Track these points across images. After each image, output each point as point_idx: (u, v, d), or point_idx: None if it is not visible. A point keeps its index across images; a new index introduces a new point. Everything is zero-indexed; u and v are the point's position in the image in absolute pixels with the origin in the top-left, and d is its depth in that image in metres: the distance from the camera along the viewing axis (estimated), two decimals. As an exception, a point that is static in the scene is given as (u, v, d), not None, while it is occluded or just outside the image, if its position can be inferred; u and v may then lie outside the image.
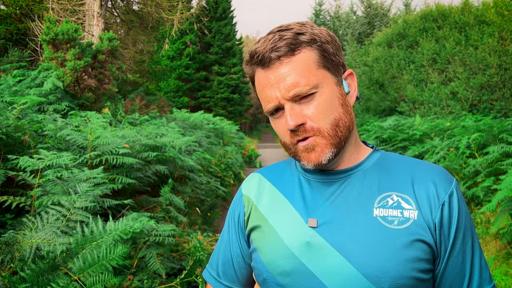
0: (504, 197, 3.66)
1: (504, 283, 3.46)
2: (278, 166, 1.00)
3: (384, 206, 0.79)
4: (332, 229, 0.79)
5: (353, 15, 23.00)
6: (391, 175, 0.84)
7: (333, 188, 0.84)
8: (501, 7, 8.53)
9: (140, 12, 12.92)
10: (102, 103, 7.39)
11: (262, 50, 0.81)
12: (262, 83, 0.83)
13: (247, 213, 0.94)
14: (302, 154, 0.83)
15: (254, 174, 1.01)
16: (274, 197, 0.91)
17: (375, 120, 9.88)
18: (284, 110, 0.82)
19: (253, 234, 0.91)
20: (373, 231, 0.77)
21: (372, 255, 0.75)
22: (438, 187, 0.81)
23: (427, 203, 0.79)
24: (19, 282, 1.69)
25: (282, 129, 0.84)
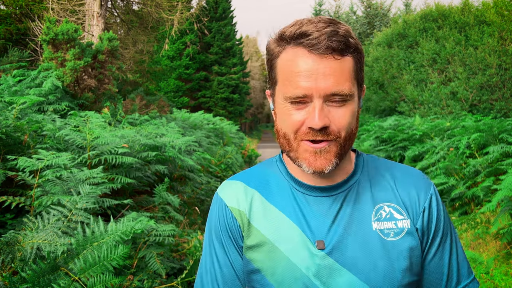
0: (504, 197, 3.66)
1: (504, 283, 3.46)
2: (260, 172, 0.91)
3: (379, 219, 0.82)
4: (340, 249, 0.79)
5: (353, 15, 23.00)
6: (379, 185, 0.86)
7: (331, 204, 0.82)
8: (501, 7, 8.53)
9: (140, 12, 12.92)
10: (102, 103, 7.38)
11: (316, 34, 0.74)
12: (300, 65, 0.75)
13: (242, 228, 0.86)
14: (308, 156, 0.78)
15: (233, 181, 0.91)
16: (271, 213, 0.84)
17: (375, 120, 9.88)
18: (308, 103, 0.76)
19: (250, 253, 0.83)
20: (375, 246, 0.80)
21: (378, 270, 0.78)
22: (419, 192, 0.85)
23: (411, 210, 0.84)
24: (19, 282, 1.69)
25: (295, 121, 0.77)
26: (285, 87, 0.77)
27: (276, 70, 0.81)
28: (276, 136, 0.85)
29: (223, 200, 0.89)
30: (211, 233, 0.91)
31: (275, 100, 0.83)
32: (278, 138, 0.84)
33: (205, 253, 0.91)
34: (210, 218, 0.93)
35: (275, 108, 0.84)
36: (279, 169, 0.90)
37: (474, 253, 3.93)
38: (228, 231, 0.87)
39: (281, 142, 0.83)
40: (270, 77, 0.84)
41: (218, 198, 0.91)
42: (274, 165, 0.92)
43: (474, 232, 4.25)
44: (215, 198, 0.92)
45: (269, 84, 0.86)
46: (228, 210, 0.88)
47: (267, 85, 0.88)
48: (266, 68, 0.86)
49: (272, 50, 0.82)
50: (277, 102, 0.81)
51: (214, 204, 0.92)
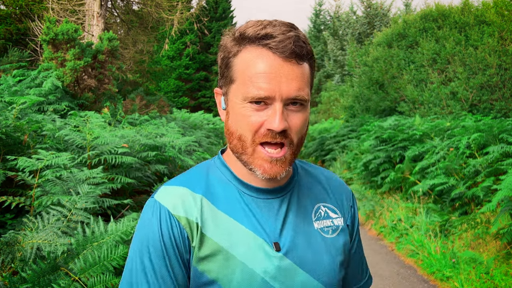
0: (504, 197, 3.65)
1: (504, 283, 3.46)
2: (202, 176, 0.85)
3: (319, 218, 0.87)
4: (293, 250, 0.81)
5: (353, 15, 23.00)
6: (314, 186, 0.91)
7: (279, 206, 0.83)
8: (501, 7, 8.53)
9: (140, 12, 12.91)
10: (102, 103, 7.38)
11: (281, 37, 0.74)
12: (263, 66, 0.74)
13: (191, 239, 0.78)
14: (263, 163, 0.76)
15: (177, 187, 0.82)
16: (221, 220, 0.79)
17: (375, 120, 9.87)
18: (268, 105, 0.75)
19: (204, 265, 0.77)
20: (319, 244, 0.84)
21: (324, 266, 0.83)
22: (345, 192, 0.94)
23: (342, 208, 0.91)
24: (20, 282, 1.69)
25: (254, 123, 0.75)
26: (246, 87, 0.75)
27: (234, 69, 0.78)
28: (228, 137, 0.81)
29: (167, 208, 0.79)
30: (145, 246, 0.78)
31: (229, 99, 0.80)
32: (230, 139, 0.80)
33: (135, 270, 0.78)
34: (144, 228, 0.79)
35: (229, 107, 0.81)
36: (222, 173, 0.85)
37: (474, 253, 3.92)
38: (173, 244, 0.77)
39: (233, 144, 0.79)
40: (223, 75, 0.81)
41: (158, 206, 0.80)
42: (216, 169, 0.86)
43: (474, 232, 4.25)
44: (152, 205, 0.81)
45: (221, 82, 0.83)
46: (174, 220, 0.78)
47: (218, 84, 0.85)
48: (219, 66, 0.83)
49: (229, 48, 0.79)
50: (233, 101, 0.79)
51: (153, 212, 0.80)
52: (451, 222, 4.62)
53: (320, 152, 11.26)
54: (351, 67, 14.44)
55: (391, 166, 6.82)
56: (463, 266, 3.87)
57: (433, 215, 5.00)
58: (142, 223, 0.81)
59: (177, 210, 0.79)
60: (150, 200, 0.82)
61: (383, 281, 4.07)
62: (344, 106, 14.00)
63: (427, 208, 5.22)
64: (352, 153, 8.77)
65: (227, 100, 0.81)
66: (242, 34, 0.77)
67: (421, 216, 5.15)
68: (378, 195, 6.75)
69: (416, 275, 4.20)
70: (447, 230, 4.69)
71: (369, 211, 6.34)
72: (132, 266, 0.79)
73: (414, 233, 4.91)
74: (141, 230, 0.80)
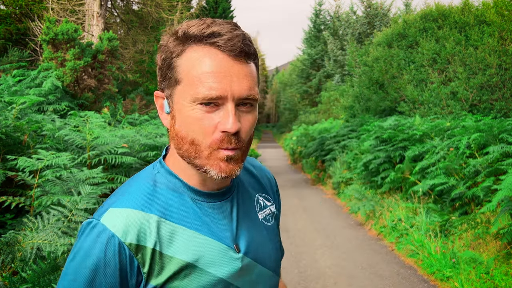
0: (504, 197, 3.65)
1: (504, 283, 3.46)
2: (148, 191, 0.78)
3: (260, 208, 0.91)
4: (250, 246, 0.84)
5: (353, 15, 22.99)
6: (249, 178, 0.94)
7: (230, 207, 0.84)
8: (501, 7, 8.53)
9: (140, 12, 12.91)
10: (102, 103, 7.38)
11: (229, 35, 0.72)
12: (213, 65, 0.71)
13: (143, 266, 0.73)
14: (218, 162, 0.74)
15: (126, 210, 0.73)
16: (181, 234, 0.76)
17: (375, 120, 9.87)
18: (219, 106, 0.72)
19: (170, 284, 0.74)
20: (264, 234, 0.89)
21: (271, 255, 0.89)
22: (269, 178, 1.00)
23: (272, 195, 0.97)
24: (20, 282, 1.69)
25: (207, 126, 0.72)
26: (194, 87, 0.71)
27: (179, 69, 0.74)
28: (177, 143, 0.76)
29: (115, 234, 0.70)
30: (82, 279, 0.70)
31: (175, 102, 0.75)
32: (180, 144, 0.75)
33: None
34: (85, 256, 0.71)
35: (174, 111, 0.76)
36: (170, 182, 0.80)
37: (474, 253, 3.92)
38: (117, 276, 0.71)
39: (184, 149, 0.75)
40: (165, 77, 0.76)
41: (104, 232, 0.71)
42: (162, 179, 0.81)
43: (474, 232, 4.25)
44: (99, 230, 0.71)
45: (163, 84, 0.78)
46: (124, 248, 0.71)
47: (159, 86, 0.80)
48: (159, 68, 0.78)
49: (171, 48, 0.75)
50: (180, 104, 0.74)
51: (97, 237, 0.71)
52: (451, 222, 4.62)
53: (320, 152, 11.25)
54: (351, 67, 14.43)
55: (391, 166, 6.82)
56: (463, 266, 3.87)
57: (433, 215, 5.00)
58: (82, 249, 0.71)
59: (129, 238, 0.71)
60: (93, 223, 0.73)
61: (383, 281, 4.07)
62: (344, 106, 13.99)
63: (427, 208, 5.22)
64: (352, 153, 8.77)
65: (172, 103, 0.76)
66: (186, 33, 0.74)
67: (421, 216, 5.15)
68: (378, 195, 6.75)
69: (416, 275, 4.20)
70: (447, 230, 4.69)
71: (369, 211, 6.34)
72: None
73: (414, 233, 4.91)
74: (80, 257, 0.71)
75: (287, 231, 5.94)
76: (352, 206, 6.96)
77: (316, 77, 27.36)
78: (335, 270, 4.39)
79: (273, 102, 58.49)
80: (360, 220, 6.53)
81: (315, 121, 20.88)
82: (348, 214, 7.09)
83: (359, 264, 4.56)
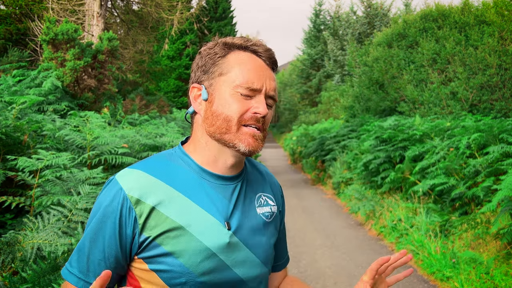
0: (504, 197, 3.65)
1: (504, 283, 3.46)
2: (163, 164, 0.95)
3: (261, 205, 1.02)
4: (240, 229, 0.94)
5: (353, 15, 22.97)
6: (256, 177, 1.07)
7: (232, 191, 0.97)
8: (501, 7, 8.53)
9: (140, 12, 12.91)
10: (102, 103, 7.38)
11: (262, 47, 0.96)
12: (255, 64, 0.94)
13: (139, 217, 0.87)
14: (247, 137, 0.91)
15: (137, 171, 0.92)
16: (180, 201, 0.90)
17: (375, 120, 9.86)
18: (253, 97, 0.92)
19: (161, 239, 0.87)
20: (260, 227, 0.99)
21: (262, 245, 0.98)
22: (277, 186, 1.12)
23: (276, 198, 1.09)
24: (20, 282, 1.69)
25: (243, 107, 0.91)
26: (241, 78, 0.91)
27: (225, 65, 0.93)
28: (210, 120, 0.93)
29: (122, 187, 0.88)
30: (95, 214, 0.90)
31: (216, 89, 0.93)
32: (213, 121, 0.92)
33: (85, 234, 0.91)
34: (99, 199, 0.91)
35: (214, 96, 0.93)
36: (184, 161, 0.96)
37: (474, 253, 3.92)
38: (117, 220, 0.87)
39: (217, 125, 0.91)
40: (208, 72, 0.95)
41: (116, 185, 0.90)
42: (177, 158, 0.97)
43: (474, 232, 4.25)
44: (112, 183, 0.91)
45: (204, 77, 0.95)
46: (126, 200, 0.87)
47: (197, 80, 0.97)
48: (201, 65, 0.96)
49: (217, 50, 0.95)
50: (221, 90, 0.92)
51: (110, 188, 0.90)
52: (451, 222, 4.62)
53: (320, 152, 11.24)
54: (351, 67, 14.43)
55: (391, 166, 6.82)
56: (463, 266, 3.87)
57: (433, 215, 5.00)
58: (99, 197, 0.92)
59: (132, 191, 0.88)
60: (112, 178, 0.92)
61: (383, 281, 4.07)
62: (344, 106, 13.99)
63: (427, 208, 5.22)
64: (352, 153, 8.77)
65: (212, 91, 0.94)
66: (231, 42, 0.96)
67: (421, 216, 5.15)
68: (378, 195, 6.75)
69: (416, 275, 4.20)
70: (447, 230, 4.69)
71: (369, 211, 6.34)
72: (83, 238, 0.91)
73: (414, 233, 4.91)
74: (97, 203, 0.91)
75: (287, 231, 5.92)
76: (352, 206, 6.96)
77: (316, 77, 27.34)
78: (335, 270, 4.39)
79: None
80: (360, 220, 6.53)
81: (315, 121, 20.87)
82: (348, 214, 7.09)
83: (359, 264, 4.56)
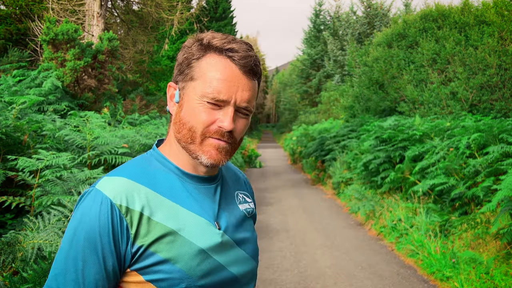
0: (504, 197, 3.66)
1: (504, 283, 3.46)
2: (142, 168, 0.90)
3: (241, 202, 1.03)
4: (229, 228, 0.94)
5: (353, 15, 22.98)
6: (231, 176, 1.07)
7: (214, 191, 0.97)
8: (501, 7, 8.53)
9: (140, 12, 12.91)
10: (102, 103, 7.38)
11: (243, 53, 0.88)
12: (226, 74, 0.87)
13: (131, 227, 0.82)
14: (210, 149, 0.88)
15: (119, 178, 0.86)
16: (167, 206, 0.87)
17: (375, 120, 9.86)
18: (222, 107, 0.88)
19: (155, 246, 0.83)
20: (245, 223, 1.01)
21: (250, 241, 1.00)
22: (249, 185, 1.14)
23: (250, 194, 1.10)
24: (20, 282, 1.69)
25: (208, 119, 0.87)
26: (207, 87, 0.86)
27: (196, 69, 0.89)
28: (177, 127, 0.90)
29: (108, 197, 0.82)
30: (81, 237, 0.80)
31: (186, 94, 0.90)
32: (180, 129, 0.89)
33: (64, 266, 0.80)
34: (82, 217, 0.81)
35: (183, 101, 0.90)
36: (163, 164, 0.93)
37: (474, 253, 3.93)
38: (110, 232, 0.81)
39: (182, 134, 0.89)
40: (182, 73, 0.91)
41: (99, 195, 0.82)
42: (155, 162, 0.94)
43: (474, 232, 4.25)
44: (92, 194, 0.83)
45: (179, 78, 0.92)
46: (115, 209, 0.81)
47: (174, 79, 0.94)
48: (179, 63, 0.92)
49: (193, 51, 0.90)
50: (190, 96, 0.89)
51: (93, 201, 0.82)
52: (451, 222, 4.62)
53: (320, 152, 11.24)
54: (351, 67, 14.43)
55: (391, 166, 6.82)
56: (463, 266, 3.87)
57: (433, 215, 5.01)
58: (80, 211, 0.82)
59: (119, 200, 0.82)
60: (90, 189, 0.85)
61: (383, 281, 4.07)
62: (344, 106, 13.99)
63: (427, 208, 5.23)
64: (352, 153, 8.77)
65: (183, 94, 0.91)
66: (209, 42, 0.89)
67: (421, 216, 5.15)
68: (378, 195, 6.75)
69: (416, 275, 4.20)
70: (447, 230, 4.70)
71: (369, 211, 6.35)
72: (62, 261, 0.81)
73: (414, 233, 4.91)
74: (78, 219, 0.82)
75: (287, 231, 5.94)
76: (352, 206, 6.96)
77: (316, 77, 27.35)
78: (335, 270, 4.39)
79: (273, 102, 58.45)
80: (360, 220, 6.53)
81: (315, 121, 20.86)
82: (348, 214, 7.10)
83: (359, 264, 4.56)
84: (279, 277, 4.21)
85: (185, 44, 0.93)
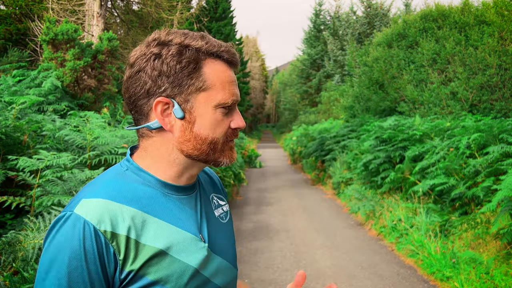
0: (504, 197, 3.66)
1: (504, 283, 3.46)
2: (115, 184, 0.82)
3: (216, 207, 0.99)
4: (211, 238, 0.91)
5: (353, 15, 22.98)
6: (206, 179, 1.03)
7: (195, 201, 0.93)
8: (501, 7, 8.53)
9: (140, 12, 12.91)
10: (101, 103, 7.38)
11: (232, 51, 0.86)
12: (226, 76, 0.85)
13: (119, 253, 0.76)
14: (229, 152, 0.89)
15: (98, 200, 0.77)
16: (153, 224, 0.81)
17: (375, 120, 9.87)
18: (231, 110, 0.87)
19: (144, 269, 0.78)
20: (221, 230, 0.97)
21: (228, 248, 0.96)
22: (220, 183, 1.10)
23: (223, 194, 1.06)
24: (21, 282, 1.69)
25: (226, 126, 0.86)
26: (226, 93, 0.84)
27: (201, 78, 0.81)
28: (194, 144, 0.83)
29: (91, 223, 0.73)
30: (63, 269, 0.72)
31: (196, 107, 0.82)
32: (197, 145, 0.83)
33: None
34: (62, 246, 0.73)
35: (194, 116, 0.82)
36: (141, 177, 0.85)
37: (474, 253, 3.93)
38: (97, 261, 0.74)
39: (203, 149, 0.84)
40: (180, 85, 0.81)
41: (78, 221, 0.74)
42: (132, 175, 0.85)
43: (474, 232, 4.25)
44: (70, 220, 0.74)
45: (177, 90, 0.81)
46: (99, 235, 0.74)
47: (164, 93, 0.81)
48: (166, 73, 0.80)
49: (187, 57, 0.80)
50: (203, 109, 0.82)
51: (74, 227, 0.73)
52: (451, 222, 4.62)
53: (320, 152, 11.24)
54: (351, 67, 14.43)
55: (391, 166, 6.82)
56: (463, 266, 3.87)
57: (433, 215, 5.01)
58: (58, 239, 0.74)
59: (103, 225, 0.75)
60: (67, 215, 0.75)
61: (383, 281, 4.07)
62: (344, 106, 13.99)
63: (427, 208, 5.23)
64: (352, 153, 8.77)
65: (190, 108, 0.82)
66: (199, 48, 0.82)
67: (421, 216, 5.15)
68: (378, 195, 6.75)
69: (416, 275, 4.21)
70: (447, 230, 4.70)
71: (369, 211, 6.35)
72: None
73: (414, 233, 4.91)
74: (57, 248, 0.73)
75: (287, 231, 5.94)
76: (352, 206, 6.96)
77: (316, 77, 27.35)
78: (335, 270, 4.39)
79: (273, 102, 58.44)
80: (360, 220, 6.53)
81: (315, 121, 20.86)
82: (348, 214, 7.10)
83: (359, 264, 4.56)
84: (279, 277, 4.21)
85: (164, 51, 0.80)
